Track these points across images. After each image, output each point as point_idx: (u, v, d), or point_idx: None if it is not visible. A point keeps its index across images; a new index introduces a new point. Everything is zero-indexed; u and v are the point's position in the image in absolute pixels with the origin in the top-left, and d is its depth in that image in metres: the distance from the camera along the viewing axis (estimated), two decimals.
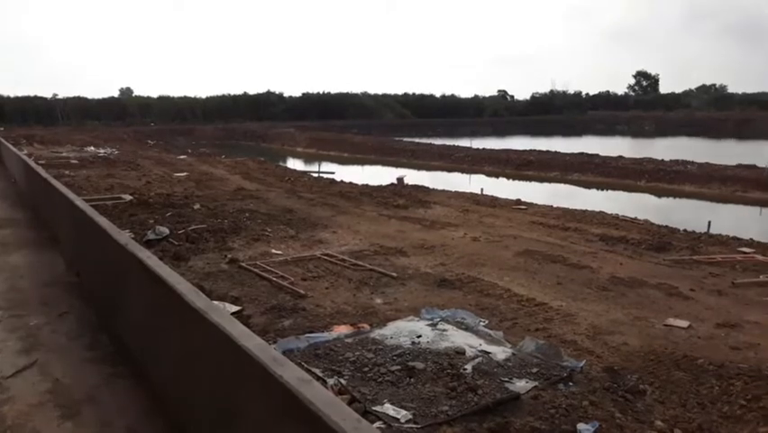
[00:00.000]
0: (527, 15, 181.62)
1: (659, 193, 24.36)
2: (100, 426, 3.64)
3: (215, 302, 6.25)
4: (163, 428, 3.61)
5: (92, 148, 37.46)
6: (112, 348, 4.74)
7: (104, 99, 75.77)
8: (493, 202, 18.08)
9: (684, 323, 7.57)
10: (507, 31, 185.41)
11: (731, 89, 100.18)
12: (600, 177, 27.42)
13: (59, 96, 73.91)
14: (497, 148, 38.03)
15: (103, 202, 14.96)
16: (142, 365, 4.29)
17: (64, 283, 6.67)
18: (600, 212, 16.06)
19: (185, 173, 24.32)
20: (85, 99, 74.04)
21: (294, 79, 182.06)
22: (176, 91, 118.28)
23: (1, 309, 5.69)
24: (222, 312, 3.50)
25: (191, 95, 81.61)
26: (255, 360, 2.77)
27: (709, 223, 14.46)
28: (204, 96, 79.90)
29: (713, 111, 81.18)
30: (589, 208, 16.54)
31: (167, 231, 12.05)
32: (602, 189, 25.86)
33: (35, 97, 70.88)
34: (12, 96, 69.40)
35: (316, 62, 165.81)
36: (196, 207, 15.61)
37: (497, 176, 30.11)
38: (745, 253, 11.59)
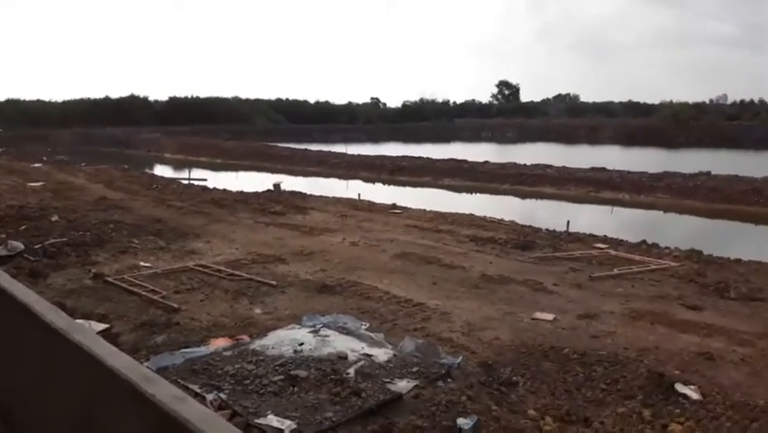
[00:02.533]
0: (397, 26, 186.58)
1: (522, 195, 25.98)
2: None
3: (79, 321, 5.80)
4: None
5: None
6: None
7: None
8: (370, 207, 18.35)
9: (550, 316, 8.12)
10: (377, 40, 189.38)
11: (583, 98, 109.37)
12: (469, 181, 28.76)
13: None
14: (371, 154, 38.67)
15: None
16: None
17: None
18: (470, 214, 16.84)
19: (40, 183, 22.36)
20: None
21: (160, 83, 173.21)
22: (27, 94, 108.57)
23: None
24: (86, 331, 3.25)
25: (45, 98, 75.36)
26: (124, 379, 2.59)
27: (568, 222, 15.62)
28: (60, 100, 74.05)
29: (568, 119, 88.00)
30: (459, 211, 17.28)
31: (21, 246, 11.01)
32: (471, 193, 27.15)
33: None
34: None
35: (184, 65, 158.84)
36: (54, 218, 14.41)
37: (372, 181, 30.62)
38: (600, 248, 12.67)
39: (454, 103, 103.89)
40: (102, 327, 7.13)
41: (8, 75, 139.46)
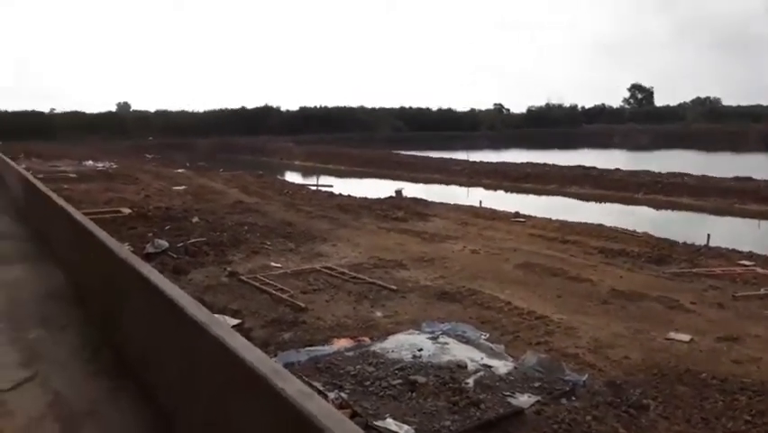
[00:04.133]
0: (523, 28, 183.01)
1: (656, 205, 24.39)
2: None
3: (216, 315, 6.21)
4: None
5: (90, 162, 37.47)
6: (112, 362, 4.70)
7: (101, 113, 76.05)
8: (492, 215, 18.08)
9: (686, 336, 7.54)
10: (503, 44, 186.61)
11: (725, 102, 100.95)
12: (598, 189, 27.46)
13: (57, 111, 74.08)
14: (494, 161, 38.13)
15: (102, 216, 14.91)
16: (143, 379, 4.25)
17: (63, 296, 6.62)
18: (599, 225, 16.07)
19: (183, 187, 24.31)
20: (82, 114, 74.25)
21: (291, 93, 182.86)
22: (173, 105, 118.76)
23: (0, 322, 5.64)
24: (223, 325, 3.47)
25: (189, 109, 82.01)
26: (256, 373, 2.73)
27: (709, 236, 14.46)
28: (201, 111, 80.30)
29: (707, 124, 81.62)
30: (587, 221, 16.55)
31: (166, 244, 12.01)
32: (600, 202, 25.89)
33: (32, 112, 71.03)
34: (9, 110, 69.54)
35: (314, 76, 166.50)
36: (195, 220, 15.58)
37: (495, 189, 30.14)
38: (745, 265, 11.58)
39: (582, 108, 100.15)
40: (235, 322, 7.60)
41: (158, 89, 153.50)
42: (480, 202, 21.05)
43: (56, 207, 8.51)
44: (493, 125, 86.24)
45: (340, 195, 23.39)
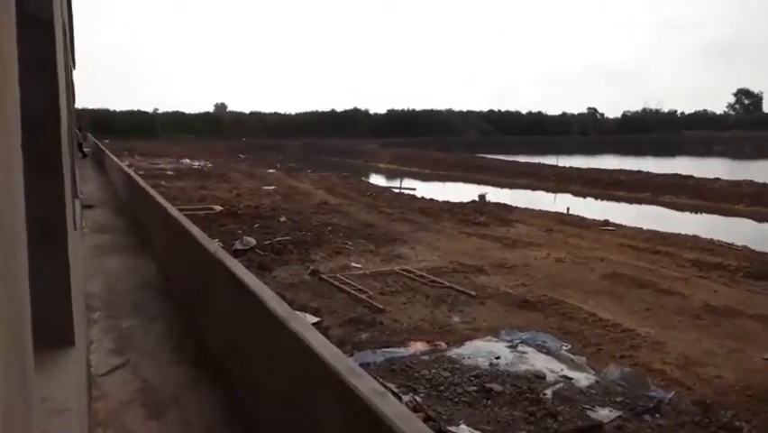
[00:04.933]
0: (621, 27, 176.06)
1: (760, 218, 22.77)
2: (182, 425, 3.78)
3: (296, 312, 6.38)
4: (240, 431, 3.72)
5: (187, 160, 39.49)
6: (196, 351, 4.94)
7: (199, 114, 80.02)
8: (579, 222, 17.55)
9: None
10: (598, 44, 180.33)
11: None
12: (695, 199, 25.99)
13: (159, 111, 78.62)
14: (584, 167, 36.94)
15: (195, 212, 15.69)
16: (224, 369, 4.43)
17: (155, 287, 7.02)
18: (694, 236, 15.24)
19: (273, 187, 25.14)
20: (182, 114, 78.46)
21: (380, 96, 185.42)
22: (267, 107, 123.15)
23: (98, 311, 6.05)
24: (302, 321, 3.57)
25: (282, 111, 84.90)
26: (332, 369, 2.79)
27: None
28: (293, 113, 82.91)
29: None
30: (681, 232, 15.72)
31: (254, 242, 12.47)
32: (696, 213, 24.48)
33: (138, 112, 75.85)
34: (117, 110, 74.62)
35: (403, 79, 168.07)
36: (282, 219, 16.08)
37: (584, 196, 29.16)
38: None
39: (682, 113, 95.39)
40: (314, 319, 7.77)
41: (254, 90, 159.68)
42: (568, 209, 20.46)
43: (153, 203, 9.02)
44: (586, 130, 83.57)
45: (422, 198, 23.42)
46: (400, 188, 30.02)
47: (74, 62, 13.28)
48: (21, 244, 1.08)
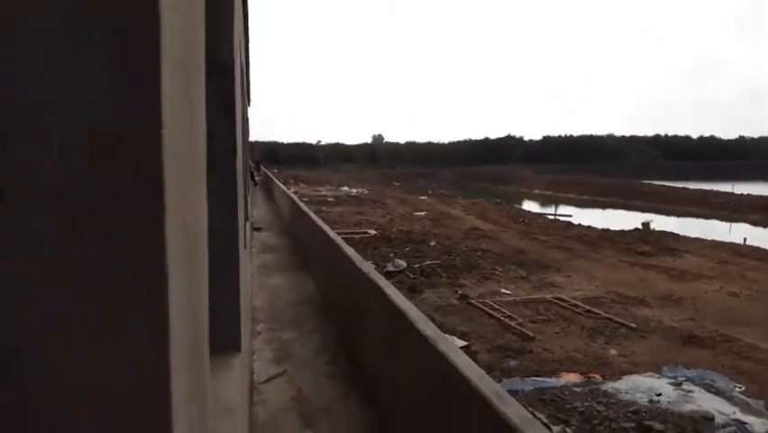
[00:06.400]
0: None
1: None
2: None
3: (444, 335, 6.46)
4: None
5: (346, 188, 41.53)
6: (348, 366, 5.20)
7: (358, 145, 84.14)
8: (759, 254, 15.81)
9: None
10: None
11: None
12: None
13: (322, 143, 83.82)
14: (765, 194, 33.23)
15: (351, 235, 16.45)
16: (373, 385, 4.62)
17: (312, 303, 7.49)
18: None
19: (424, 212, 25.59)
20: (342, 145, 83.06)
21: (535, 123, 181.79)
22: (422, 137, 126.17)
23: (261, 323, 6.59)
24: (449, 343, 3.64)
25: (435, 140, 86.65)
26: (478, 393, 2.83)
27: None
28: (446, 142, 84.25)
29: None
30: None
31: (404, 264, 12.79)
32: None
33: (303, 144, 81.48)
34: (285, 142, 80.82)
35: (558, 105, 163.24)
36: (432, 243, 16.31)
37: (764, 225, 26.23)
38: None
39: None
40: (462, 343, 7.78)
41: (409, 121, 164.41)
42: (745, 240, 18.54)
43: (313, 226, 9.66)
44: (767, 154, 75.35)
45: (579, 225, 22.49)
46: (555, 214, 29.08)
47: (249, 100, 14.67)
48: (203, 259, 1.27)
